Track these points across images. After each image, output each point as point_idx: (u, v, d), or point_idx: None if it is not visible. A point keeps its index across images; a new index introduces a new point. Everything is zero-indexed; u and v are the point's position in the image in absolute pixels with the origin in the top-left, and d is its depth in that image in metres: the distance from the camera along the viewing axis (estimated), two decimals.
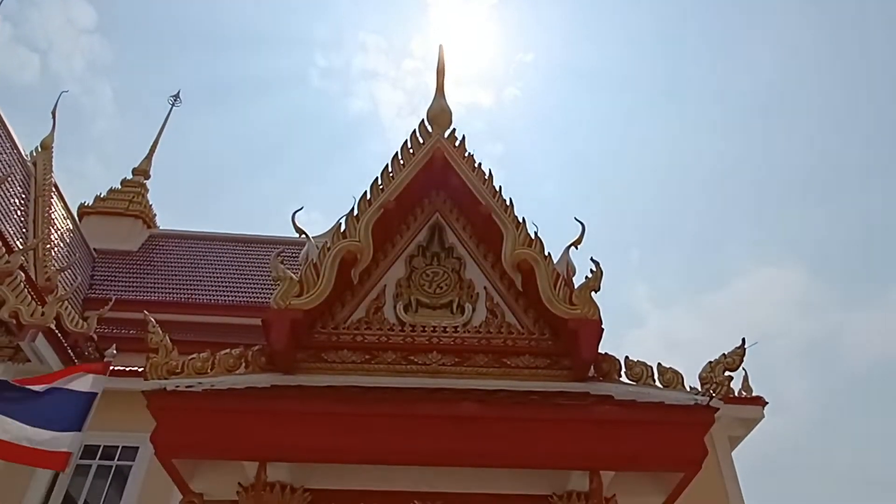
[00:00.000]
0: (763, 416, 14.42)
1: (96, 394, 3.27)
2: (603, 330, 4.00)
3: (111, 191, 21.68)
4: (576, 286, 4.23)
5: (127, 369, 13.19)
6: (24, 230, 15.04)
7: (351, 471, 3.73)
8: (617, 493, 3.72)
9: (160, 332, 3.79)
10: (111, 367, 4.19)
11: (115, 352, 3.64)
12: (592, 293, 4.14)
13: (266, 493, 3.63)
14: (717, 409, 3.57)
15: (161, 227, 22.32)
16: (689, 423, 3.51)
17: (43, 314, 12.60)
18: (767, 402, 14.30)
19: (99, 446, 13.54)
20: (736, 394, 14.63)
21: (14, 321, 12.61)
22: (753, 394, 14.54)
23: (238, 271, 20.36)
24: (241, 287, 19.54)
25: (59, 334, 13.39)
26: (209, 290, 19.13)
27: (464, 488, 3.76)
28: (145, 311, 4.03)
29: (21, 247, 13.71)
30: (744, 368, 15.33)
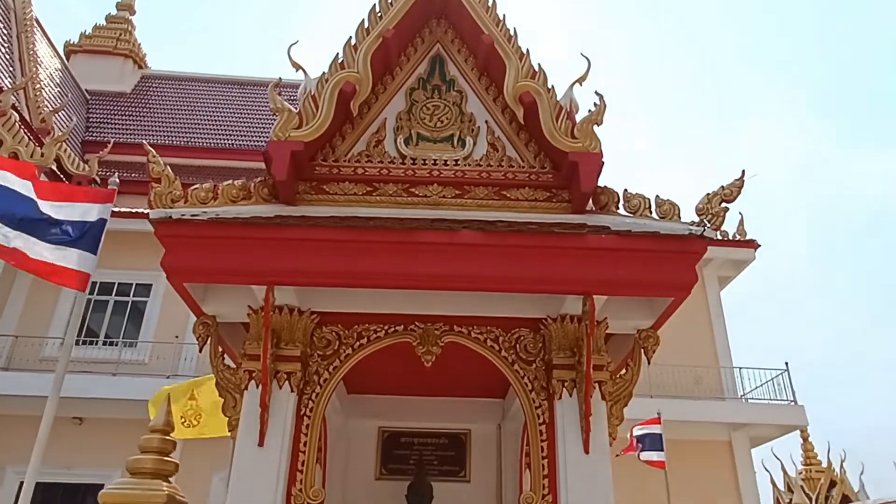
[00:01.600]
0: (754, 258, 14.93)
1: (105, 220, 3.33)
2: (603, 163, 4.00)
3: (97, 28, 20.73)
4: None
5: (133, 211, 13.41)
6: (10, 69, 14.55)
7: (355, 294, 3.91)
8: (608, 316, 3.93)
9: (161, 162, 3.79)
10: (116, 207, 4.24)
11: (118, 180, 3.66)
12: (595, 126, 4.09)
13: (275, 315, 3.84)
14: (711, 238, 3.66)
15: (152, 68, 21.60)
16: (682, 252, 3.62)
17: (42, 155, 12.61)
18: (760, 245, 14.73)
19: (114, 283, 14.23)
20: (730, 236, 15.02)
21: None
22: (747, 237, 14.94)
23: (236, 114, 20.01)
24: (239, 130, 19.31)
25: (62, 177, 13.47)
26: (207, 134, 18.93)
27: (463, 311, 3.97)
28: (144, 142, 4.01)
29: (10, 86, 13.34)
30: (739, 212, 15.61)
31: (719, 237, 15.75)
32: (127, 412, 12.11)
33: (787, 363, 13.85)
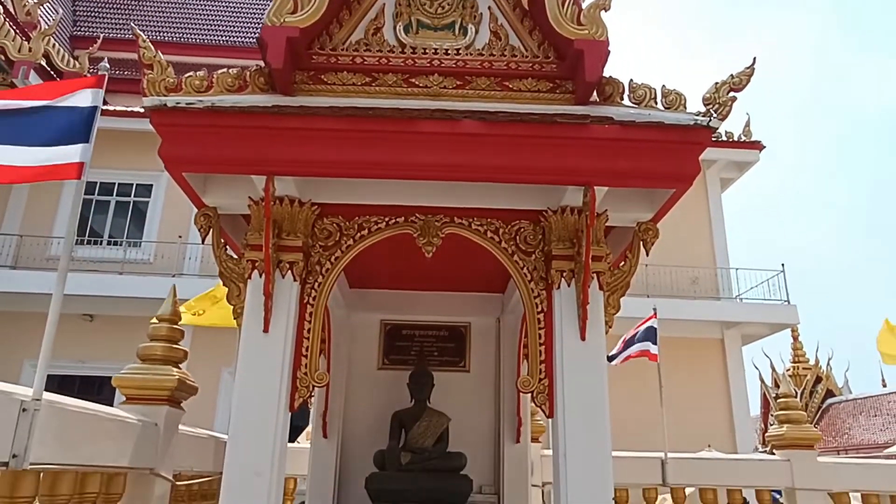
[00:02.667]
0: (758, 160, 14.79)
1: (97, 107, 3.25)
2: (609, 52, 3.87)
3: None
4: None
5: (128, 109, 13.15)
6: None
7: (355, 185, 3.91)
8: (609, 208, 3.94)
9: (152, 47, 3.67)
10: (111, 106, 4.11)
11: (108, 66, 3.55)
12: (602, 12, 3.93)
13: (276, 206, 3.85)
14: (716, 128, 3.60)
15: None
16: (685, 142, 3.57)
17: (30, 50, 12.21)
18: (765, 147, 14.54)
19: (114, 184, 14.20)
20: (735, 137, 14.81)
21: (2, 58, 12.25)
22: (752, 138, 14.73)
23: (229, 8, 19.20)
24: (233, 26, 18.60)
25: (52, 73, 13.10)
26: (199, 29, 18.24)
27: (463, 203, 3.97)
28: (132, 24, 3.86)
29: None
30: (747, 113, 15.29)
31: (724, 138, 15.52)
32: (135, 310, 12.41)
33: (783, 264, 14.02)
